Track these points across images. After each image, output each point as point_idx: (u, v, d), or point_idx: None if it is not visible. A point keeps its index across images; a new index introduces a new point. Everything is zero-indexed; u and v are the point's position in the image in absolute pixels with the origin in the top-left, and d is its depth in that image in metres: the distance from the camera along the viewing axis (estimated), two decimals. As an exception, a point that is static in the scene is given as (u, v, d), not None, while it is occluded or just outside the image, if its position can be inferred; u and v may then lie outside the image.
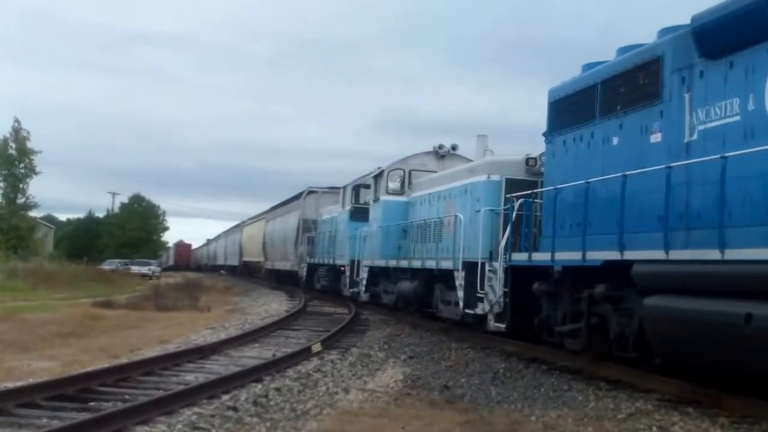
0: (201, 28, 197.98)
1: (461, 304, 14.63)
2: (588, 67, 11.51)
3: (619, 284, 9.64)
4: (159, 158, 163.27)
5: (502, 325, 12.87)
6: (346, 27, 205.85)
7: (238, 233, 60.09)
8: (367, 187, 22.99)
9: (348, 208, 24.67)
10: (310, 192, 34.09)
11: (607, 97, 10.64)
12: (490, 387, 10.03)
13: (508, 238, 12.68)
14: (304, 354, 12.50)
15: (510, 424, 7.85)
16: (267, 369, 10.66)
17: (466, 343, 14.32)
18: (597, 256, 9.91)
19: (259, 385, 9.52)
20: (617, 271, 9.44)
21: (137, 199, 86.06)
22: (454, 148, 20.55)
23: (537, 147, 13.95)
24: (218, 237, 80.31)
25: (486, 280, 13.42)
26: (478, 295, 13.74)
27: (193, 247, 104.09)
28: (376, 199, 21.08)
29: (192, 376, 10.20)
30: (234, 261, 60.56)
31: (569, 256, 10.59)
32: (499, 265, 13.00)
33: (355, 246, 22.41)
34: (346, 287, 24.23)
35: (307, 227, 32.25)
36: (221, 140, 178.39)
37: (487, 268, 13.49)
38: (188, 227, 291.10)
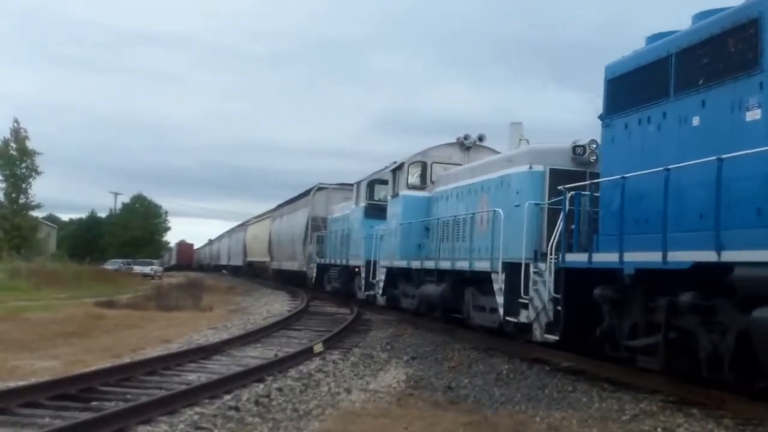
0: (200, 28, 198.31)
1: (501, 311, 12.80)
2: (655, 38, 9.87)
3: (710, 292, 8.10)
4: (160, 158, 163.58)
5: (554, 336, 11.02)
6: (345, 26, 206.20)
7: (242, 232, 58.59)
8: (384, 182, 21.43)
9: (362, 204, 23.12)
10: (320, 188, 32.43)
11: (684, 70, 9.07)
12: (493, 388, 9.99)
13: (560, 235, 10.92)
14: (306, 354, 12.48)
15: (514, 425, 7.81)
16: (269, 369, 10.65)
17: (469, 343, 14.28)
18: (683, 257, 8.22)
19: (261, 385, 9.50)
20: (706, 276, 7.98)
21: (139, 199, 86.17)
22: (481, 138, 18.53)
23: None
24: (221, 236, 78.98)
25: (531, 283, 11.71)
26: (522, 301, 11.98)
27: (195, 246, 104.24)
28: (395, 195, 19.22)
29: (194, 375, 10.19)
30: (238, 261, 59.18)
31: (643, 257, 8.95)
32: (547, 267, 11.23)
33: (371, 245, 20.81)
34: (360, 290, 22.48)
35: (317, 226, 30.81)
36: (221, 140, 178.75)
37: (531, 270, 11.75)
38: (189, 227, 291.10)
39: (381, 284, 20.03)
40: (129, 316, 19.44)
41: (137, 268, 56.18)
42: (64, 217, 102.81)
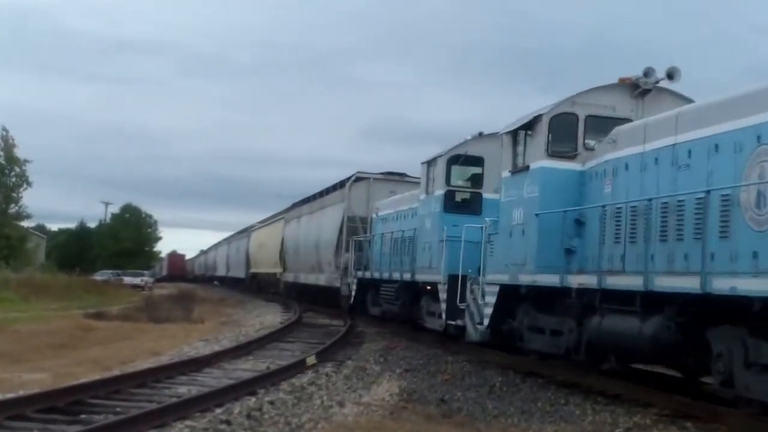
0: (187, 36, 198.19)
1: None
2: None
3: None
4: (149, 167, 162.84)
5: None
6: (334, 35, 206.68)
7: (244, 239, 51.93)
8: (472, 160, 15.98)
9: (439, 193, 16.09)
10: (359, 178, 25.61)
11: None
12: (486, 401, 9.95)
13: None
14: (299, 367, 12.40)
15: (507, 438, 7.77)
16: (261, 382, 10.57)
17: (462, 356, 14.22)
18: None
19: (253, 399, 9.42)
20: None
21: (130, 209, 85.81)
22: (671, 76, 11.36)
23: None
24: (218, 245, 74.27)
25: None
26: None
27: (187, 257, 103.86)
28: (520, 169, 12.21)
29: (185, 388, 10.11)
30: (239, 272, 52.79)
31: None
32: None
33: (456, 253, 14.40)
34: (436, 316, 15.94)
35: (354, 228, 24.32)
36: (210, 149, 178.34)
37: None
38: (180, 237, 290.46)
39: (488, 312, 12.79)
40: (119, 328, 19.34)
41: (127, 279, 55.88)
42: (53, 227, 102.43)
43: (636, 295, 8.88)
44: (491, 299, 12.69)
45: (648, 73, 11.45)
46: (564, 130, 11.55)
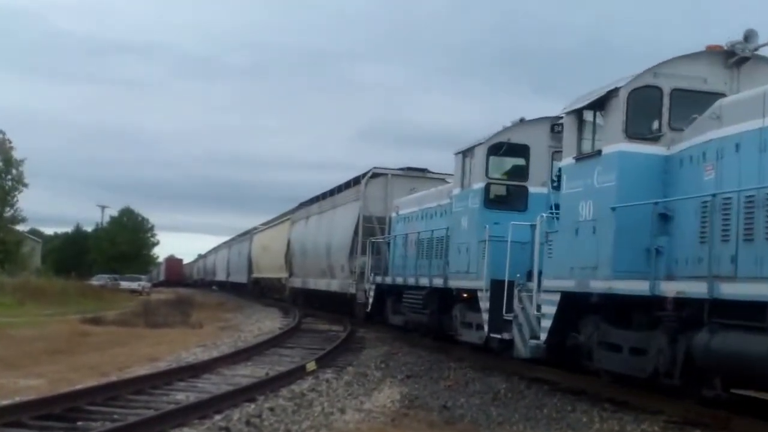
0: (184, 38, 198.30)
1: None
2: None
3: None
4: (145, 170, 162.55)
5: None
6: (331, 37, 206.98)
7: (246, 242, 50.05)
8: (516, 150, 13.95)
9: (478, 186, 14.06)
10: (376, 175, 23.87)
11: None
12: (490, 407, 9.79)
13: None
14: (299, 373, 12.26)
15: (514, 446, 7.61)
16: (260, 388, 10.43)
17: (465, 362, 14.05)
18: None
19: (252, 405, 9.29)
20: None
21: (127, 213, 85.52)
22: (747, 39, 9.76)
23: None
24: (218, 248, 72.07)
25: None
26: None
27: (185, 261, 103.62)
28: (588, 155, 10.40)
29: (183, 395, 9.98)
30: (240, 277, 50.95)
31: None
32: None
33: (502, 255, 12.52)
34: (473, 328, 14.01)
35: (371, 228, 22.58)
36: (207, 152, 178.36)
37: None
38: (176, 241, 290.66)
39: (546, 324, 10.91)
40: (116, 333, 19.19)
41: (125, 284, 55.60)
42: (48, 231, 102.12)
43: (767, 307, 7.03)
44: (550, 309, 10.72)
45: (749, 36, 9.58)
46: (645, 107, 9.72)
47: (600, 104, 10.12)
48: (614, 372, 9.85)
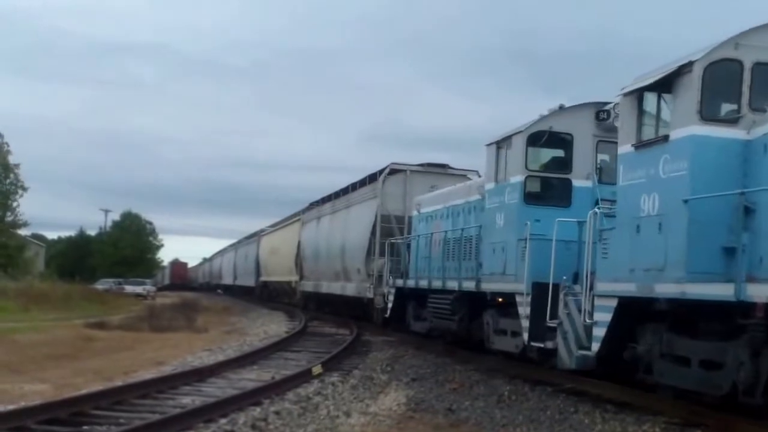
0: (182, 40, 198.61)
1: None
2: None
3: None
4: (148, 174, 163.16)
5: None
6: (337, 39, 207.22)
7: (253, 245, 48.62)
8: (557, 139, 12.56)
9: (516, 180, 12.56)
10: (394, 171, 22.58)
11: None
12: (495, 410, 9.80)
13: None
14: (305, 376, 12.25)
15: (518, 449, 7.61)
16: (266, 392, 10.44)
17: (470, 365, 14.04)
18: None
19: (258, 409, 9.29)
20: None
21: (130, 216, 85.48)
22: None
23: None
24: (224, 251, 71.27)
25: None
26: None
27: (189, 265, 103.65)
28: (651, 141, 8.98)
29: (189, 399, 9.98)
30: (248, 281, 49.82)
31: None
32: None
33: (545, 254, 11.16)
34: (508, 335, 12.76)
35: (389, 228, 21.40)
36: (209, 155, 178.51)
37: None
38: (180, 245, 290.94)
39: (599, 333, 9.55)
40: (121, 338, 19.20)
41: (129, 288, 55.64)
42: (51, 235, 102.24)
43: None
44: (605, 316, 9.39)
45: None
46: (723, 85, 8.36)
47: (666, 83, 8.69)
48: (679, 388, 8.59)
